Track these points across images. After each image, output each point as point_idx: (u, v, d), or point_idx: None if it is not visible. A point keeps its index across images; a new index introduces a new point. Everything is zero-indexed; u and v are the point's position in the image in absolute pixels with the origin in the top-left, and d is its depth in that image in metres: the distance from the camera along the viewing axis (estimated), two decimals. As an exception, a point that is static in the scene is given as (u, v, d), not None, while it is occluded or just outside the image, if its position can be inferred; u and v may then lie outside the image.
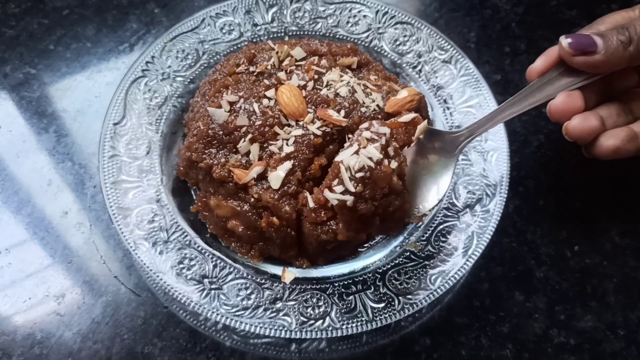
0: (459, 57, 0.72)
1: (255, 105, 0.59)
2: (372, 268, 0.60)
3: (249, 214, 0.57)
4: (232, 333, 0.60)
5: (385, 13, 0.75)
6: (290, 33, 0.75)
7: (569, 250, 0.67)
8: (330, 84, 0.62)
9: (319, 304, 0.57)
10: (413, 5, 0.87)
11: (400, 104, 0.60)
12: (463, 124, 0.68)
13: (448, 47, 0.73)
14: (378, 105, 0.61)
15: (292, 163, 0.57)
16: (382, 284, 0.58)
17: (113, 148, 0.64)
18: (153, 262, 0.58)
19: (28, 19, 0.81)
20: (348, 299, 0.58)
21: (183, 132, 0.68)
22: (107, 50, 0.80)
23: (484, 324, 0.62)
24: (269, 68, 0.63)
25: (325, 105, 0.60)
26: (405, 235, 0.63)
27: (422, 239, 0.61)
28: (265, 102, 0.60)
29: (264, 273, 0.59)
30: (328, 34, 0.75)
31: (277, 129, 0.58)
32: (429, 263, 0.60)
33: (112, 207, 0.60)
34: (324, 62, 0.63)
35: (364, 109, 0.60)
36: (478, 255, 0.60)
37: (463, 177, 0.65)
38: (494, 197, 0.63)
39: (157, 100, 0.68)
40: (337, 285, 0.58)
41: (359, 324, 0.56)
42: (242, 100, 0.60)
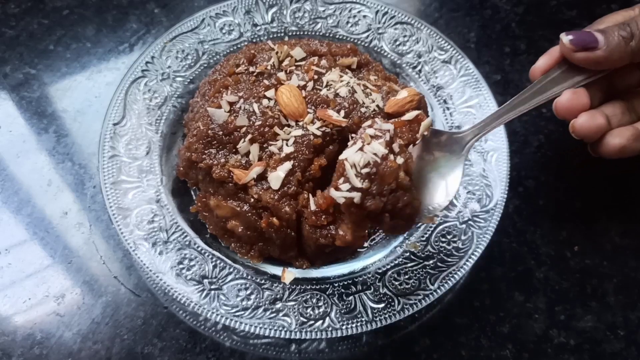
0: (459, 57, 0.72)
1: (255, 106, 0.59)
2: (372, 268, 0.60)
3: (249, 215, 0.57)
4: (232, 333, 0.60)
5: (385, 13, 0.75)
6: (290, 33, 0.75)
7: (569, 251, 0.67)
8: (330, 84, 0.61)
9: (319, 305, 0.57)
10: (413, 6, 0.87)
11: (400, 104, 0.60)
12: (463, 124, 0.68)
13: (448, 47, 0.73)
14: (378, 106, 0.60)
15: (292, 163, 0.57)
16: (382, 285, 0.58)
17: (113, 148, 0.64)
18: (153, 262, 0.58)
19: (28, 19, 0.81)
20: (348, 300, 0.58)
21: (183, 132, 0.68)
22: (107, 51, 0.80)
23: (484, 324, 0.62)
24: (269, 68, 0.63)
25: (325, 106, 0.60)
26: (405, 236, 0.63)
27: (421, 240, 0.61)
28: (265, 102, 0.60)
29: (264, 273, 0.59)
30: (328, 34, 0.75)
31: (277, 129, 0.58)
32: (429, 263, 0.60)
33: (112, 207, 0.60)
34: (324, 62, 0.63)
35: (364, 109, 0.60)
36: (478, 256, 0.60)
37: (463, 177, 0.65)
38: (494, 197, 0.63)
39: (156, 101, 0.68)
40: (337, 286, 0.58)
41: (359, 325, 0.56)
42: (241, 101, 0.60)
